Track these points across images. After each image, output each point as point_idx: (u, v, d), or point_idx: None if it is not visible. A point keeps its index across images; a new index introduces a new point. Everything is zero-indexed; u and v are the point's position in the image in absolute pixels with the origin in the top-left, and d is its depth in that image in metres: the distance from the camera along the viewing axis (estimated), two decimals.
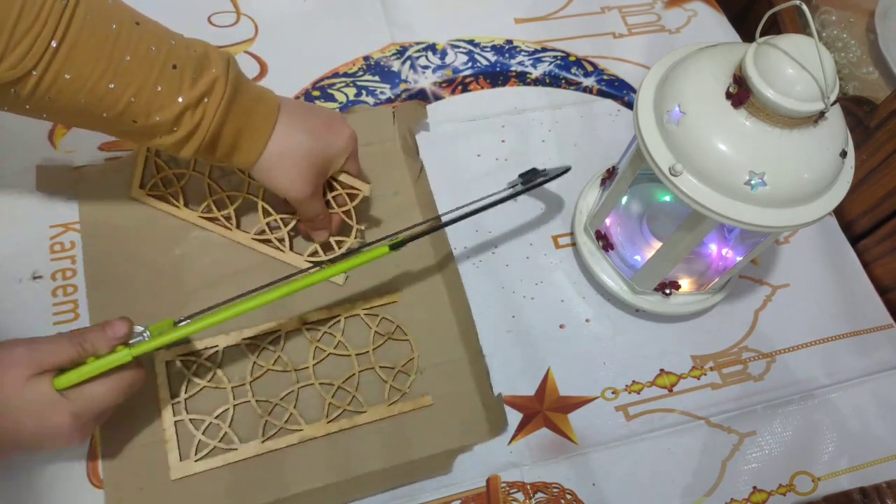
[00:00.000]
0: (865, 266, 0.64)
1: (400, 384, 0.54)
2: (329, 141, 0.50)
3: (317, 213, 0.53)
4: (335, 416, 0.52)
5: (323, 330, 0.55)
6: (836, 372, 0.59)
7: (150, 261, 0.56)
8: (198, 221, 0.58)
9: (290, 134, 0.48)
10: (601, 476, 0.52)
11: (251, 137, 0.47)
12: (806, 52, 0.39)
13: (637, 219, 0.60)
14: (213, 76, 0.44)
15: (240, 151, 0.47)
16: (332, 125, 0.51)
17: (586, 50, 0.74)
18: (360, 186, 0.54)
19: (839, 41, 0.74)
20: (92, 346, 0.43)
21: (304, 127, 0.49)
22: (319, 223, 0.55)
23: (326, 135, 0.50)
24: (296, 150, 0.48)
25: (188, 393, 0.51)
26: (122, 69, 0.41)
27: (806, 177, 0.42)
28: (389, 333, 0.56)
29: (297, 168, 0.49)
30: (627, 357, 0.57)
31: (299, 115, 0.49)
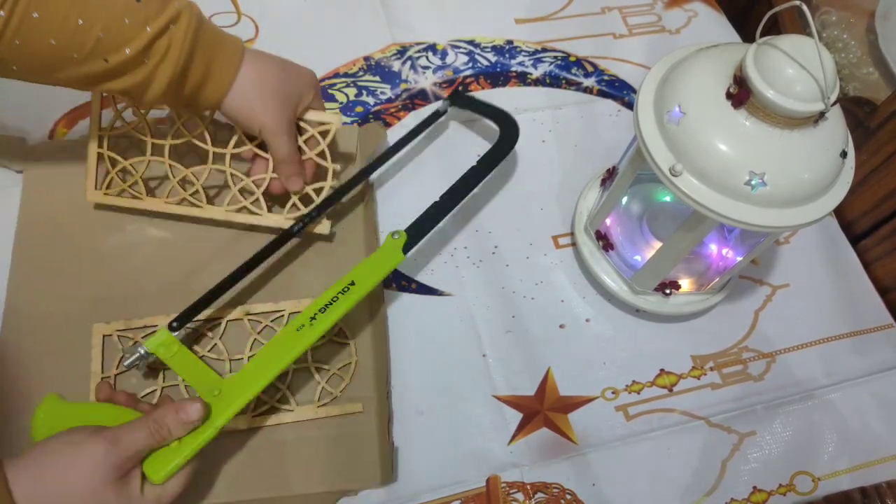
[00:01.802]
0: (865, 266, 0.64)
1: (333, 387, 0.53)
2: (297, 73, 0.52)
3: (291, 153, 0.52)
4: (261, 410, 0.51)
5: (265, 323, 0.54)
6: (835, 372, 0.59)
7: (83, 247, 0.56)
8: (165, 209, 0.56)
9: (259, 65, 0.49)
10: (601, 476, 0.52)
11: (221, 67, 0.47)
12: (806, 53, 0.39)
13: (637, 219, 0.60)
14: (176, 6, 0.44)
15: (211, 82, 0.47)
16: (293, 63, 0.52)
17: (587, 50, 0.74)
18: (330, 119, 0.54)
19: (839, 42, 0.74)
20: (169, 433, 0.42)
21: (270, 60, 0.50)
22: (294, 167, 0.53)
23: (292, 68, 0.51)
24: (267, 80, 0.49)
25: (118, 369, 0.51)
26: (90, 4, 0.41)
27: (806, 177, 0.42)
28: (331, 334, 0.55)
29: (270, 97, 0.49)
30: (627, 357, 0.57)
31: (261, 53, 0.50)
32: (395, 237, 0.53)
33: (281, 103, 0.50)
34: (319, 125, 0.54)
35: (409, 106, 0.68)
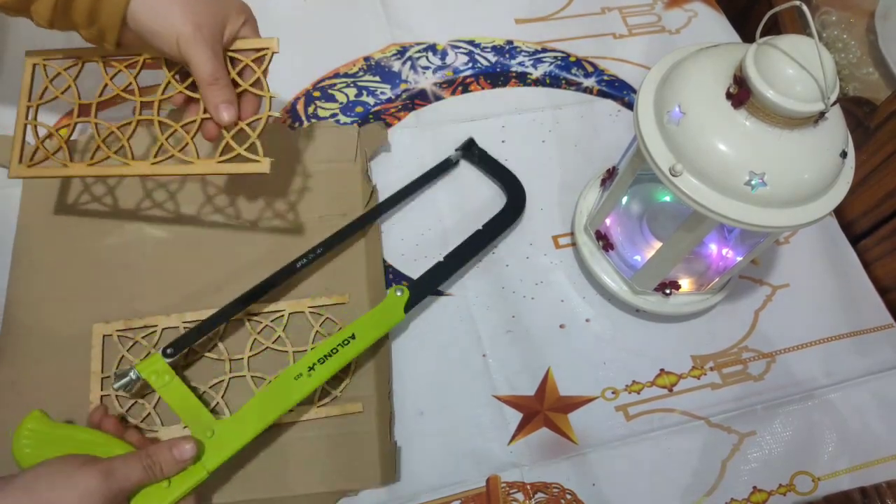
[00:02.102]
0: (865, 266, 0.64)
1: (333, 387, 0.53)
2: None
3: (215, 70, 0.45)
4: None
5: (265, 323, 0.54)
6: (836, 372, 0.59)
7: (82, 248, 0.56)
8: (89, 172, 0.52)
9: None
10: (601, 476, 0.52)
11: None
12: (806, 53, 0.39)
13: (637, 219, 0.60)
14: None
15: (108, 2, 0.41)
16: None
17: (587, 50, 0.74)
18: (265, 43, 0.48)
19: (839, 42, 0.74)
20: (161, 471, 0.42)
21: None
22: (221, 91, 0.46)
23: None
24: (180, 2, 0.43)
25: (119, 369, 0.51)
26: None
27: (806, 177, 0.42)
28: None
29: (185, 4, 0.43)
30: (627, 357, 0.57)
31: None
32: (399, 294, 0.54)
33: (201, 12, 0.43)
34: (254, 53, 0.48)
35: (409, 106, 0.68)
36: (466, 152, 0.65)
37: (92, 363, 0.51)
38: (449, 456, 0.52)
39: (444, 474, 0.51)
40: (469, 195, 0.64)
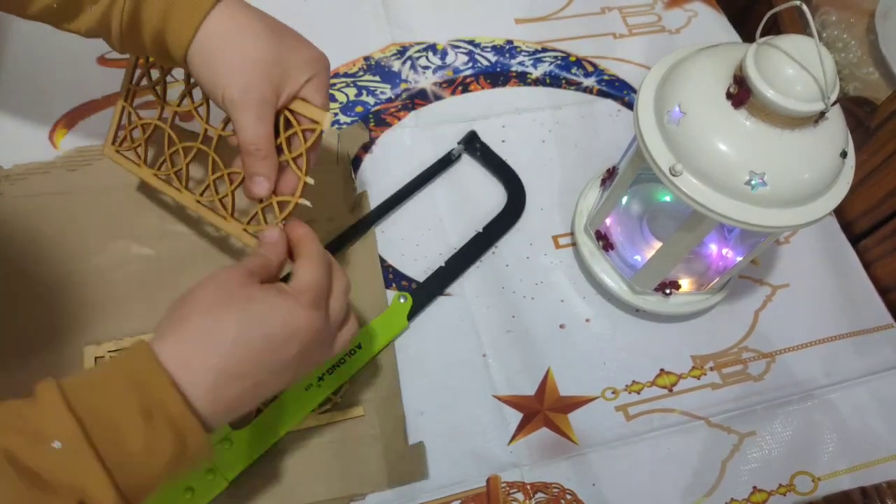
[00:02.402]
0: (865, 266, 0.64)
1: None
2: (294, 45, 0.41)
3: (257, 139, 0.41)
4: None
5: None
6: (836, 372, 0.59)
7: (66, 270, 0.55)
8: (151, 181, 0.52)
9: (236, 19, 0.39)
10: (601, 476, 0.52)
11: (184, 9, 0.39)
12: (806, 53, 0.39)
13: (637, 219, 0.60)
14: None
15: (171, 25, 0.39)
16: (297, 34, 0.42)
17: (587, 50, 0.74)
18: (318, 115, 0.42)
19: (839, 42, 0.74)
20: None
21: (257, 18, 0.40)
22: (260, 163, 0.42)
23: (289, 37, 0.41)
24: (244, 36, 0.39)
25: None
26: None
27: (806, 177, 0.42)
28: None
29: (240, 58, 0.39)
30: (627, 357, 0.57)
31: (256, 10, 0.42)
32: (402, 301, 0.55)
33: (254, 70, 0.39)
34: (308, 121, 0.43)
35: (409, 106, 0.68)
36: (468, 146, 0.65)
37: None
38: (449, 456, 0.52)
39: (444, 474, 0.51)
40: (469, 195, 0.64)
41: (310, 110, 0.43)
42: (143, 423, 0.32)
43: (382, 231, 0.61)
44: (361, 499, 0.49)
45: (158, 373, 0.33)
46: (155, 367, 0.33)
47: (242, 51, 0.39)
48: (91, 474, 0.30)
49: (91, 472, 0.30)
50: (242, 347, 0.36)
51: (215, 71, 0.40)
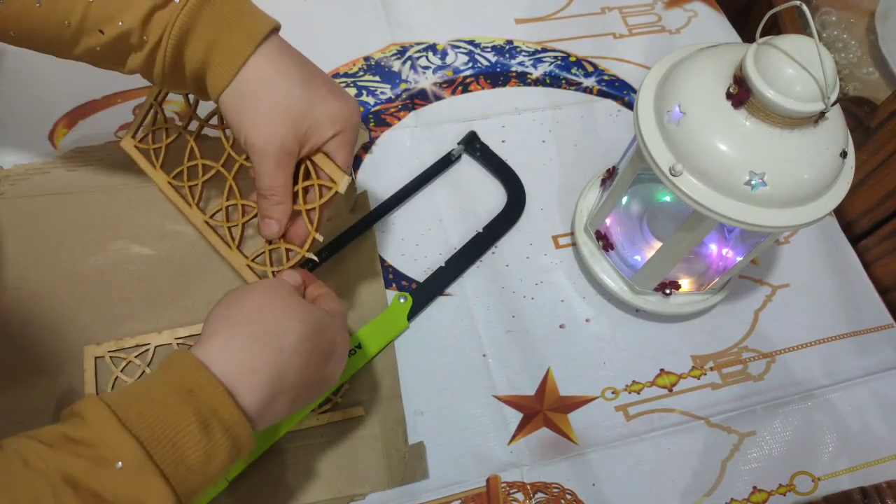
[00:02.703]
0: (865, 266, 0.64)
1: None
2: (324, 98, 0.42)
3: (274, 186, 0.42)
4: None
5: None
6: (836, 372, 0.59)
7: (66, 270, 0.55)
8: (163, 187, 0.53)
9: (275, 65, 0.40)
10: (601, 476, 0.52)
11: (225, 53, 0.39)
12: (806, 53, 0.39)
13: (637, 219, 0.60)
14: None
15: (212, 69, 0.40)
16: (331, 86, 0.43)
17: (587, 50, 0.74)
18: (336, 175, 0.43)
19: (839, 42, 0.74)
20: None
21: (295, 66, 0.41)
22: (274, 208, 0.43)
23: (319, 89, 0.42)
24: (276, 85, 0.40)
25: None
26: None
27: (806, 177, 0.42)
28: None
29: (269, 107, 0.40)
30: (627, 357, 0.57)
31: (297, 56, 0.42)
32: (402, 301, 0.55)
33: (282, 120, 0.40)
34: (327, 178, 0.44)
35: (409, 106, 0.68)
36: (468, 146, 0.65)
37: (86, 386, 0.50)
38: (449, 456, 0.52)
39: (444, 474, 0.51)
40: (469, 195, 0.64)
41: (330, 168, 0.43)
42: (200, 433, 0.32)
43: (382, 231, 0.61)
44: (361, 499, 0.49)
45: (211, 382, 0.34)
46: (206, 376, 0.34)
47: (273, 98, 0.40)
48: (153, 489, 0.30)
49: (153, 487, 0.31)
50: (298, 359, 0.37)
51: (244, 115, 0.40)
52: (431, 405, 0.54)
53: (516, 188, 0.63)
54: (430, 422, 0.53)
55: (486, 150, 0.65)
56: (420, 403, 0.53)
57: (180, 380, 0.34)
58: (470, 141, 0.65)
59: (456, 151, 0.64)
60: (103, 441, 0.30)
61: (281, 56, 0.41)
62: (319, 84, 0.42)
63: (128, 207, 0.58)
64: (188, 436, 0.32)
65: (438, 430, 0.53)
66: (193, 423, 0.32)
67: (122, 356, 0.52)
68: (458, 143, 0.65)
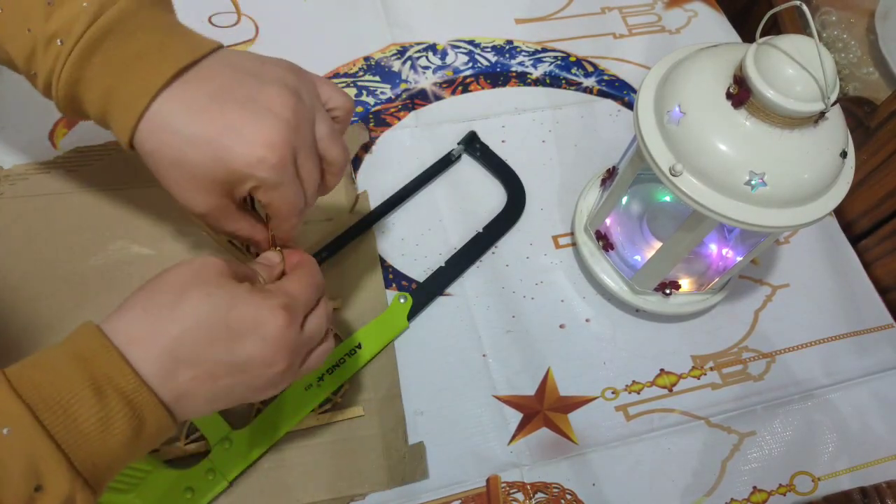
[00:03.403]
0: (865, 266, 0.64)
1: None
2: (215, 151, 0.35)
3: (229, 233, 0.40)
4: None
5: None
6: (836, 372, 0.59)
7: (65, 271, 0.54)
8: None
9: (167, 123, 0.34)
10: (601, 476, 0.52)
11: (120, 107, 0.34)
12: (806, 53, 0.39)
13: (637, 219, 0.60)
14: (76, 9, 0.33)
15: (113, 122, 0.36)
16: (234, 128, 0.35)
17: (587, 50, 0.74)
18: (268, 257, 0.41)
19: (839, 42, 0.74)
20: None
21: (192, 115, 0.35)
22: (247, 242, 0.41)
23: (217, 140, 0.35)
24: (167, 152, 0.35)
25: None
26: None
27: (806, 177, 0.42)
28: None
29: (171, 170, 0.36)
30: (627, 357, 0.57)
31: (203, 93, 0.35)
32: (402, 301, 0.55)
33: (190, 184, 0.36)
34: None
35: (409, 106, 0.68)
36: (468, 146, 0.65)
37: None
38: (449, 456, 0.52)
39: (444, 474, 0.51)
40: (469, 195, 0.64)
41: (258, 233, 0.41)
42: (94, 399, 0.30)
43: (382, 231, 0.61)
44: (361, 499, 0.49)
45: (105, 347, 0.32)
46: (101, 342, 0.32)
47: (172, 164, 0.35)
48: (45, 456, 0.29)
49: (44, 453, 0.29)
50: (197, 331, 0.34)
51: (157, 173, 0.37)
52: (431, 405, 0.54)
53: (516, 188, 0.63)
54: (430, 422, 0.53)
55: (486, 150, 0.65)
56: (420, 403, 0.53)
57: (76, 346, 0.32)
58: (470, 141, 0.65)
59: (456, 151, 0.64)
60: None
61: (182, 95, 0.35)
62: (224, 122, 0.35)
63: (127, 207, 0.58)
64: (80, 401, 0.30)
65: (438, 430, 0.53)
66: (86, 388, 0.31)
67: None
68: (458, 143, 0.65)
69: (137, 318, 0.34)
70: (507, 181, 0.64)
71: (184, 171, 0.35)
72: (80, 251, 0.56)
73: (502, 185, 0.64)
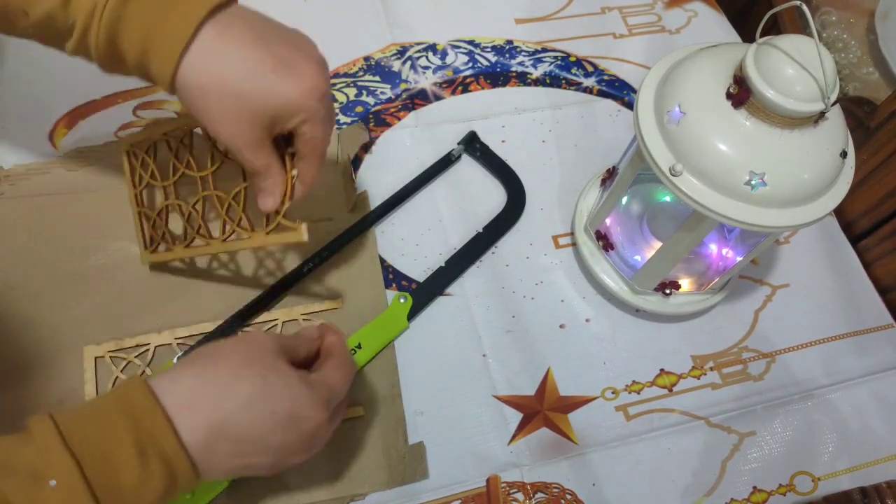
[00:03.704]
0: (865, 266, 0.64)
1: None
2: (272, 84, 0.36)
3: (258, 166, 0.40)
4: None
5: None
6: (836, 372, 0.59)
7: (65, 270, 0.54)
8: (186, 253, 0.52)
9: (218, 55, 0.35)
10: (601, 476, 0.52)
11: (162, 40, 0.35)
12: (806, 53, 0.39)
13: (637, 219, 0.60)
14: None
15: (152, 61, 0.36)
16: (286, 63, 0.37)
17: (587, 50, 0.74)
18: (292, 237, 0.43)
19: (839, 42, 0.74)
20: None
21: (243, 50, 0.36)
22: (264, 182, 0.42)
23: (272, 74, 0.36)
24: (220, 83, 0.36)
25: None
26: None
27: (806, 177, 0.42)
28: None
29: (219, 102, 0.37)
30: (627, 357, 0.57)
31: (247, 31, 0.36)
32: (402, 301, 0.56)
33: (235, 115, 0.37)
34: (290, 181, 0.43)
35: (409, 106, 0.68)
36: (468, 146, 0.65)
37: (86, 386, 0.50)
38: (449, 456, 0.52)
39: (444, 474, 0.51)
40: (469, 195, 0.64)
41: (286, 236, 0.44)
42: (136, 458, 0.32)
43: (382, 231, 0.61)
44: (361, 499, 0.49)
45: (153, 409, 0.33)
46: (150, 403, 0.34)
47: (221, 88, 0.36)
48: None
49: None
50: (246, 413, 0.36)
51: (198, 110, 0.38)
52: (431, 405, 0.54)
53: (516, 188, 0.63)
54: (430, 422, 0.53)
55: (486, 151, 0.65)
56: (420, 403, 0.53)
57: (126, 403, 0.34)
58: (470, 141, 0.65)
59: (456, 151, 0.64)
60: (42, 458, 0.31)
61: (224, 41, 0.36)
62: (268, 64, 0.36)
63: (128, 207, 0.58)
64: (125, 459, 0.32)
65: (438, 430, 0.53)
66: (131, 446, 0.32)
67: (122, 356, 0.52)
68: (458, 143, 0.65)
69: (191, 386, 0.36)
70: (507, 181, 0.64)
71: (236, 102, 0.36)
72: (80, 251, 0.56)
73: (502, 185, 0.64)
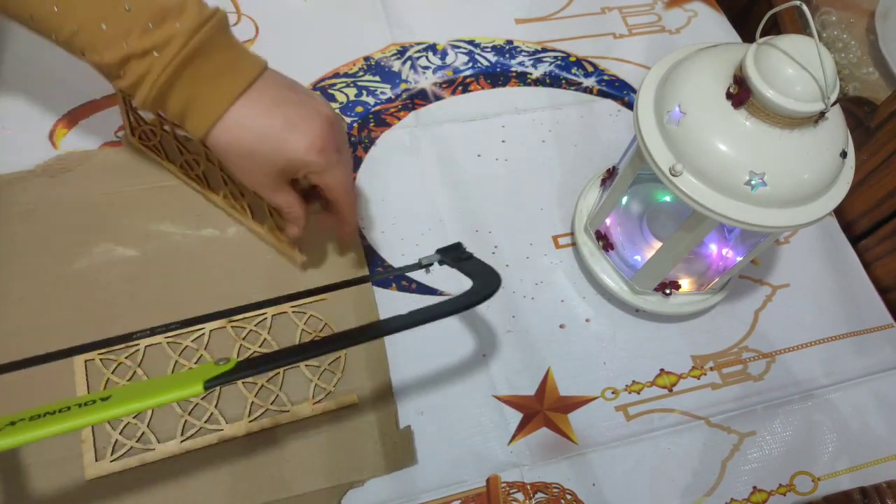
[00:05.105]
0: (865, 266, 0.64)
1: (326, 382, 0.53)
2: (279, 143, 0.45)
3: (280, 205, 0.49)
4: (257, 415, 0.51)
5: (249, 328, 0.54)
6: (836, 372, 0.59)
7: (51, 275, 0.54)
8: (179, 175, 0.56)
9: (240, 121, 0.44)
10: (601, 476, 0.52)
11: (200, 111, 0.43)
12: (806, 53, 0.39)
13: (637, 219, 0.60)
14: (171, 31, 0.41)
15: (190, 121, 0.44)
16: (293, 125, 0.45)
17: (587, 50, 0.74)
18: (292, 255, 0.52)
19: (839, 42, 0.74)
20: None
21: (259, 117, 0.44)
22: (287, 215, 0.50)
23: (281, 134, 0.45)
24: (239, 144, 0.45)
25: None
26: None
27: (806, 177, 0.42)
28: (317, 331, 0.55)
29: (240, 160, 0.45)
30: (627, 357, 0.57)
31: (268, 99, 0.45)
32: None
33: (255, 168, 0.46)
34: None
35: (409, 106, 0.68)
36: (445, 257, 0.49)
37: (77, 390, 0.50)
38: (449, 456, 0.52)
39: (444, 474, 0.51)
40: (470, 194, 0.64)
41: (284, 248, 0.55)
42: None
43: (382, 231, 0.61)
44: (360, 485, 0.50)
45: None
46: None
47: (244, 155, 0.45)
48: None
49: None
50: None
51: (226, 162, 0.46)
52: (431, 405, 0.54)
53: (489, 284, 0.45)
54: (430, 422, 0.53)
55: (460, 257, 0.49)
56: (420, 403, 0.53)
57: None
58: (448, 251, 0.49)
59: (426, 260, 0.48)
60: None
61: (252, 101, 0.44)
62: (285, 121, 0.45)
63: (109, 210, 0.58)
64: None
65: (438, 430, 0.53)
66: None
67: (112, 358, 0.52)
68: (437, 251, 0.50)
69: None
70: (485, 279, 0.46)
71: (252, 160, 0.45)
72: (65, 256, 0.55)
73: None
